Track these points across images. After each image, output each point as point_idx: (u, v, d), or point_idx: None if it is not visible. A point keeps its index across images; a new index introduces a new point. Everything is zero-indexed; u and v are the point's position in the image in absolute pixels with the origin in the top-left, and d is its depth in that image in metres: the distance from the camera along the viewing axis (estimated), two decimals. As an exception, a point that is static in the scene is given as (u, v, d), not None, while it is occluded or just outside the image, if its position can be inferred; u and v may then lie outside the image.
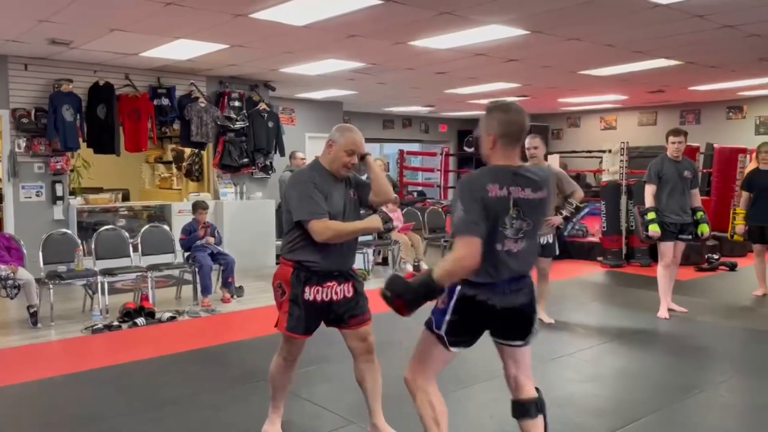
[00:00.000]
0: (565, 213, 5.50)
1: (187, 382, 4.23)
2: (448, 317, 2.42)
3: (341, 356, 3.31)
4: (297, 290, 3.00)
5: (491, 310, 2.41)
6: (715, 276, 8.14)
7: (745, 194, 6.81)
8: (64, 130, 7.45)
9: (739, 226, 6.82)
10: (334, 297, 3.02)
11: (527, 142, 5.58)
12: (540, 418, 2.58)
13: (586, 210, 5.25)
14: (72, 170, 8.49)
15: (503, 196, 2.33)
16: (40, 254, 6.11)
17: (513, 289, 2.43)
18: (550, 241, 5.52)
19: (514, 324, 2.50)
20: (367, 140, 15.29)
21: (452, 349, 2.46)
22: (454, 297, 2.41)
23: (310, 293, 2.99)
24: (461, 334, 2.45)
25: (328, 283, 3.01)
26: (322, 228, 2.90)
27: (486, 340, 2.55)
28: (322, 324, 3.14)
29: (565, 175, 5.58)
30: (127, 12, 5.52)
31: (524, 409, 2.58)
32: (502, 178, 2.35)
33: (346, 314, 3.08)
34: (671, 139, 5.69)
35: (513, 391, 2.62)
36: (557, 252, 5.66)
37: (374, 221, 3.01)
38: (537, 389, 2.60)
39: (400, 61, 7.86)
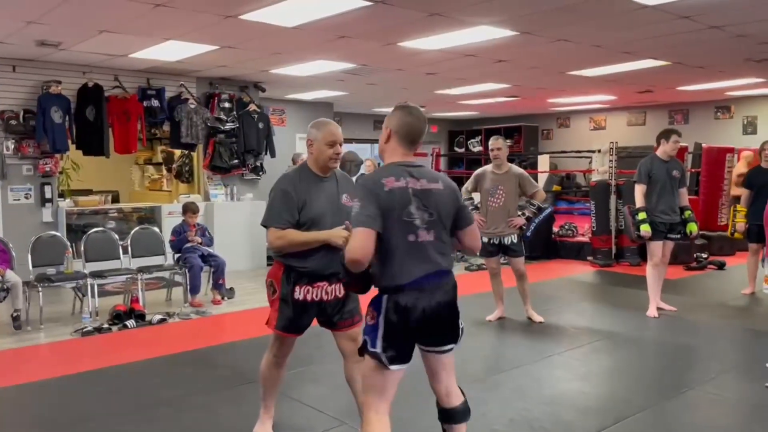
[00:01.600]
0: (527, 213, 5.55)
1: (178, 384, 4.22)
2: (380, 332, 2.37)
3: (332, 357, 3.32)
4: (287, 289, 3.02)
5: (420, 314, 2.37)
6: (704, 275, 8.20)
7: (746, 192, 6.77)
8: (53, 132, 7.41)
9: (740, 224, 6.79)
10: (325, 297, 3.03)
11: (490, 143, 5.63)
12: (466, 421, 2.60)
13: (548, 210, 5.30)
14: (61, 172, 8.45)
15: (401, 187, 2.38)
16: (29, 257, 6.07)
17: (435, 286, 2.42)
18: (515, 240, 5.55)
19: (442, 326, 2.46)
20: (358, 141, 15.17)
21: (391, 367, 2.37)
22: (382, 309, 2.37)
23: (300, 293, 3.00)
24: (397, 345, 2.37)
25: (319, 283, 3.01)
26: (273, 237, 2.95)
27: (470, 343, 2.54)
28: (313, 326, 3.15)
29: (527, 176, 5.62)
30: (116, 13, 5.49)
31: (457, 414, 2.56)
32: (397, 171, 2.43)
33: (336, 317, 3.09)
34: (674, 138, 5.73)
35: (443, 399, 2.57)
36: (524, 252, 5.70)
37: (331, 234, 2.90)
38: (461, 390, 2.61)
39: (390, 62, 7.87)
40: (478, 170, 5.76)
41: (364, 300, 2.72)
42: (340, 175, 3.16)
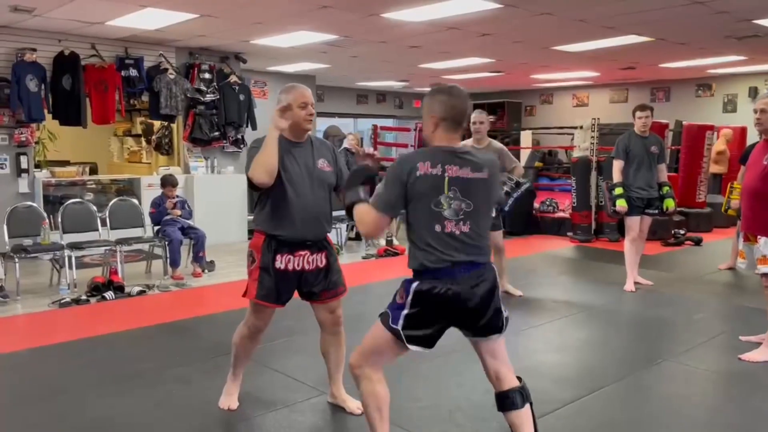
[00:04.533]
0: (506, 188, 5.56)
1: (155, 356, 4.21)
2: (405, 311, 2.32)
3: (313, 329, 3.32)
4: (268, 258, 2.98)
5: (452, 302, 2.30)
6: (681, 250, 8.31)
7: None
8: (29, 101, 7.25)
9: (734, 200, 6.77)
10: (306, 266, 3.00)
11: (473, 116, 5.60)
12: (527, 407, 2.48)
13: (527, 185, 5.39)
14: (37, 142, 8.29)
15: (436, 174, 2.30)
16: (5, 228, 5.99)
17: (470, 277, 2.33)
18: (494, 215, 5.58)
19: (478, 317, 2.37)
20: (341, 115, 15.06)
21: (411, 346, 2.36)
22: (411, 292, 2.33)
23: (281, 262, 2.97)
24: (421, 328, 2.35)
25: (300, 252, 2.99)
26: (252, 172, 2.85)
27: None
28: (294, 297, 3.14)
29: (506, 151, 5.62)
30: (92, -22, 5.36)
31: (510, 400, 2.46)
32: (437, 156, 2.33)
33: (318, 287, 3.08)
34: (638, 114, 5.79)
35: (495, 384, 2.51)
36: (503, 226, 5.74)
37: (275, 124, 2.86)
38: (519, 378, 2.52)
39: (373, 34, 7.79)
40: None
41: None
42: (316, 140, 3.12)
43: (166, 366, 3.99)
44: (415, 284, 2.33)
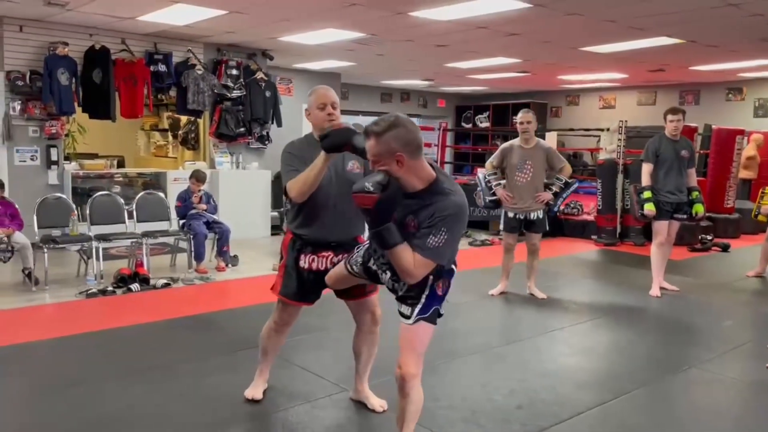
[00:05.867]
0: (554, 189, 5.50)
1: (176, 348, 4.25)
2: (444, 299, 2.55)
3: (338, 325, 3.33)
4: (291, 257, 3.03)
5: None
6: (708, 256, 8.18)
7: None
8: (60, 94, 7.37)
9: (765, 206, 6.65)
10: (330, 267, 3.00)
11: (520, 116, 5.56)
12: None
13: (575, 185, 5.35)
14: (67, 135, 8.43)
15: None
16: (35, 218, 6.09)
17: None
18: (540, 216, 5.53)
19: None
20: (365, 114, 15.00)
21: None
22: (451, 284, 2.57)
23: (305, 261, 3.01)
24: None
25: (324, 253, 3.00)
26: (289, 188, 2.86)
27: (473, 316, 2.52)
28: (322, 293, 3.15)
29: (554, 151, 5.56)
30: (124, -26, 5.42)
31: None
32: None
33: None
34: (669, 117, 5.69)
35: None
36: (547, 227, 5.68)
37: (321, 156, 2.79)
38: None
39: (400, 32, 7.78)
40: (505, 144, 5.67)
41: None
42: None
43: (188, 358, 4.02)
44: (452, 277, 2.58)
